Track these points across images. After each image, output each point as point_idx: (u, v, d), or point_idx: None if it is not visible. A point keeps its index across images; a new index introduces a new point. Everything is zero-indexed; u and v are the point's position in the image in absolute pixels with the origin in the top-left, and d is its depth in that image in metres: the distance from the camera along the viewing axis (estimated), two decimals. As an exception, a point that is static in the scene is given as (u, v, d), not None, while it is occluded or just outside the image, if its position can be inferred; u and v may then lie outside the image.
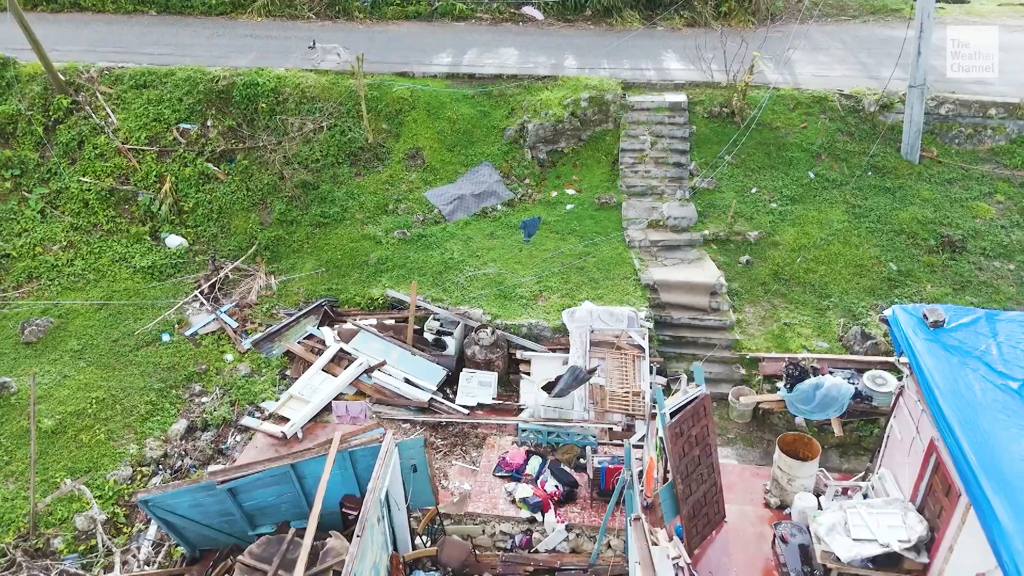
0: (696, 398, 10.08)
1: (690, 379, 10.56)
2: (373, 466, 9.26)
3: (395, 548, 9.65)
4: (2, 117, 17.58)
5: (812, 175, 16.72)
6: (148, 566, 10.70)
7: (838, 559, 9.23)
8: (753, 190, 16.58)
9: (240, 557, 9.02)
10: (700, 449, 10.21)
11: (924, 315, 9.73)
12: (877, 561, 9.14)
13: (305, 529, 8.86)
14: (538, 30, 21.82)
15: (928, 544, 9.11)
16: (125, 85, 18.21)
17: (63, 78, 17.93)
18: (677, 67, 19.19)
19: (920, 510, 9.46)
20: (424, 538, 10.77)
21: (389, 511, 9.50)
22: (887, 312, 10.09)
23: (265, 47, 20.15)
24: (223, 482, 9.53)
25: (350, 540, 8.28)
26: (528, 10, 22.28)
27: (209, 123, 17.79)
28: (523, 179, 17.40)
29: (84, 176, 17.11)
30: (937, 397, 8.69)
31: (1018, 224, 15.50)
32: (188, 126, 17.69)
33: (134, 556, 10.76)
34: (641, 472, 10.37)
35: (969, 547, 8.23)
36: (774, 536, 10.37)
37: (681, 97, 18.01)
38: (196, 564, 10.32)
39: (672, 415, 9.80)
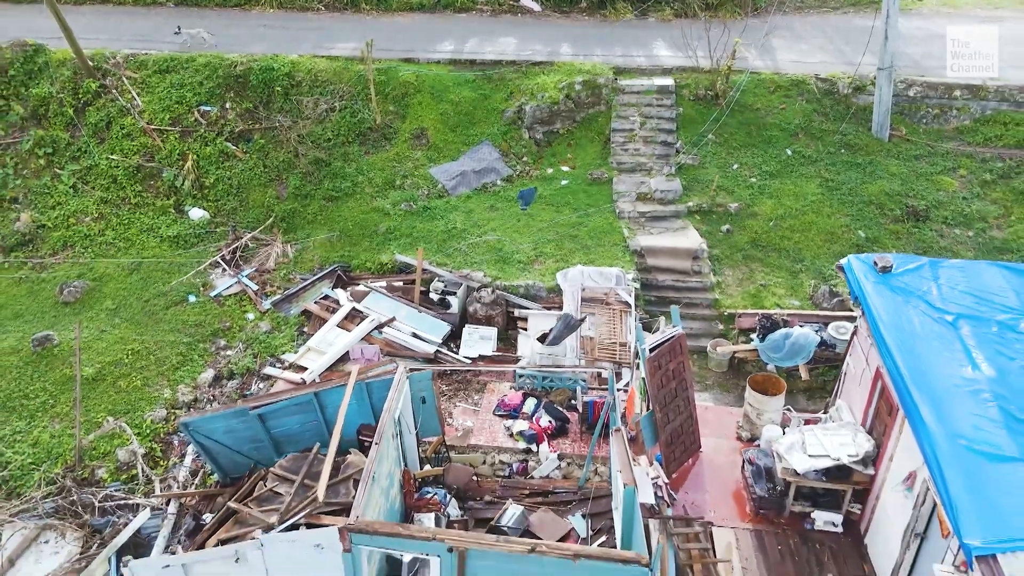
0: (673, 337, 11.35)
1: (668, 321, 11.81)
2: (387, 396, 10.52)
3: (406, 466, 10.91)
4: (35, 100, 18.85)
5: (789, 152, 17.99)
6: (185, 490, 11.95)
7: (796, 473, 10.50)
8: (734, 166, 17.84)
9: (272, 468, 10.29)
10: (677, 383, 11.49)
11: (875, 262, 11.02)
12: (829, 473, 10.42)
13: (328, 450, 10.13)
14: (535, 21, 23.07)
15: (874, 459, 10.38)
16: (149, 70, 19.48)
17: (91, 64, 19.19)
18: (666, 54, 20.46)
19: (869, 432, 10.74)
20: (430, 466, 12.02)
21: (401, 433, 10.76)
22: (843, 261, 11.38)
23: (278, 36, 21.38)
24: (254, 408, 10.79)
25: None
26: (526, 2, 23.53)
27: (228, 105, 19.04)
28: (521, 157, 18.67)
29: (112, 154, 18.38)
30: (881, 329, 9.97)
31: (978, 195, 16.76)
32: (208, 108, 18.96)
33: (174, 479, 12.01)
34: (623, 401, 11.63)
35: (903, 454, 9.52)
36: (743, 461, 11.66)
37: (669, 81, 19.28)
38: (228, 488, 11.56)
39: (652, 351, 11.08)
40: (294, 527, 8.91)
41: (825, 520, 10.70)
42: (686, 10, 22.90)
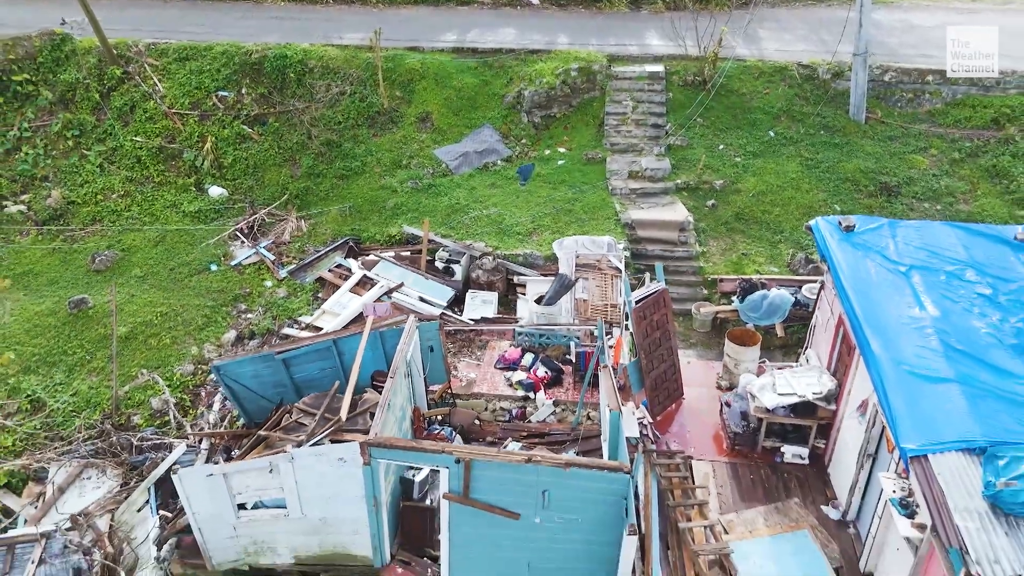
0: (657, 291, 12.53)
1: (652, 278, 12.98)
2: (399, 342, 11.68)
3: (416, 405, 12.07)
4: (63, 85, 20.04)
5: (772, 134, 19.17)
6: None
7: (767, 410, 11.69)
8: (720, 146, 19.02)
9: (296, 404, 11.46)
10: (660, 333, 12.67)
11: (839, 222, 12.20)
12: (796, 409, 11.62)
13: (347, 388, 11.31)
14: (533, 13, 24.24)
15: (835, 396, 11.56)
16: (169, 58, 20.66)
17: (115, 52, 20.36)
18: (657, 43, 21.63)
19: (833, 374, 11.92)
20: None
21: (411, 375, 11.93)
22: (811, 221, 12.56)
23: (290, 27, 22.54)
24: (279, 352, 11.95)
25: (384, 383, 10.70)
26: (525, -5, 24.73)
27: (244, 91, 20.23)
28: (520, 139, 19.85)
29: (136, 136, 19.56)
30: (842, 279, 11.16)
31: (947, 173, 17.94)
32: (225, 93, 20.14)
33: (205, 421, 13.19)
34: (611, 346, 12.80)
35: (859, 386, 10.71)
36: (721, 404, 12.84)
37: (659, 68, 20.45)
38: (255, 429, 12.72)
39: (637, 303, 12.26)
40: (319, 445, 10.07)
41: (793, 453, 11.88)
42: (677, 2, 24.05)
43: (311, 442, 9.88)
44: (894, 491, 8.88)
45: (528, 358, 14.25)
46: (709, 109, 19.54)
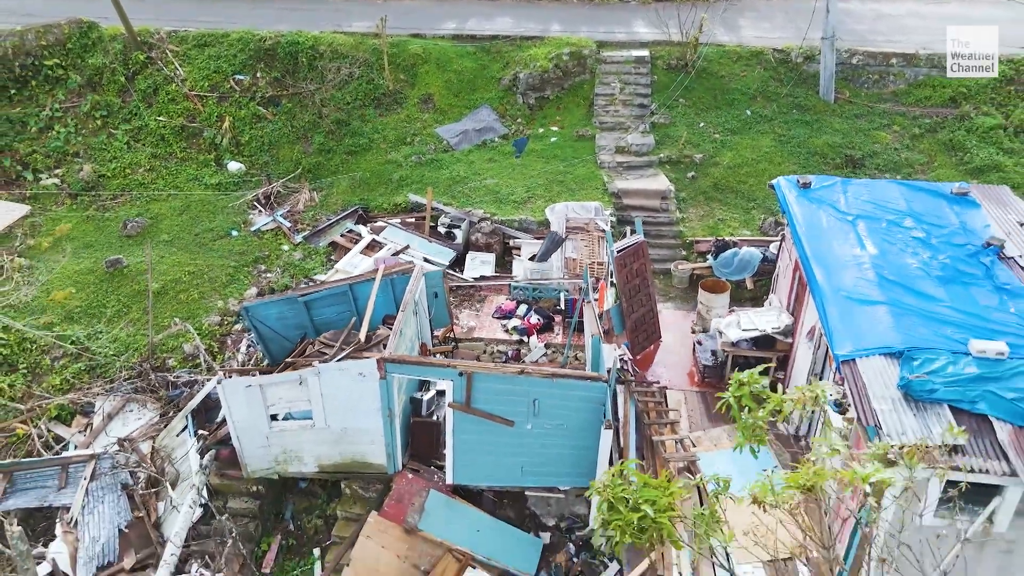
0: (636, 242, 14.10)
1: (632, 231, 14.55)
2: (408, 285, 13.23)
3: (423, 341, 13.63)
4: (91, 69, 21.57)
5: (748, 112, 20.75)
6: (241, 373, 14.64)
7: (732, 343, 13.25)
8: (701, 124, 20.60)
9: (317, 339, 13.01)
10: (639, 280, 14.24)
11: (798, 181, 13.79)
12: (758, 342, 13.18)
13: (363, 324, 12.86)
14: (529, 3, 25.79)
15: (792, 331, 13.14)
16: (189, 44, 22.20)
17: (138, 38, 21.88)
18: (643, 30, 23.21)
19: (791, 313, 13.50)
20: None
21: (419, 316, 13.48)
22: (773, 181, 14.14)
23: (300, 17, 24.04)
24: (302, 295, 13.51)
25: (395, 317, 12.26)
26: (521, -14, 26.27)
27: (259, 74, 21.76)
28: (516, 118, 21.41)
29: (160, 116, 21.10)
30: (797, 227, 12.75)
31: (907, 147, 19.53)
32: (242, 76, 21.68)
33: (235, 360, 14.73)
34: (595, 290, 14.37)
35: (809, 317, 12.28)
36: (694, 344, 14.41)
37: (645, 53, 22.02)
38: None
39: (619, 252, 13.82)
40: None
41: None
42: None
43: (335, 358, 11.43)
44: (831, 395, 10.43)
45: (522, 308, 15.83)
46: (691, 90, 21.11)
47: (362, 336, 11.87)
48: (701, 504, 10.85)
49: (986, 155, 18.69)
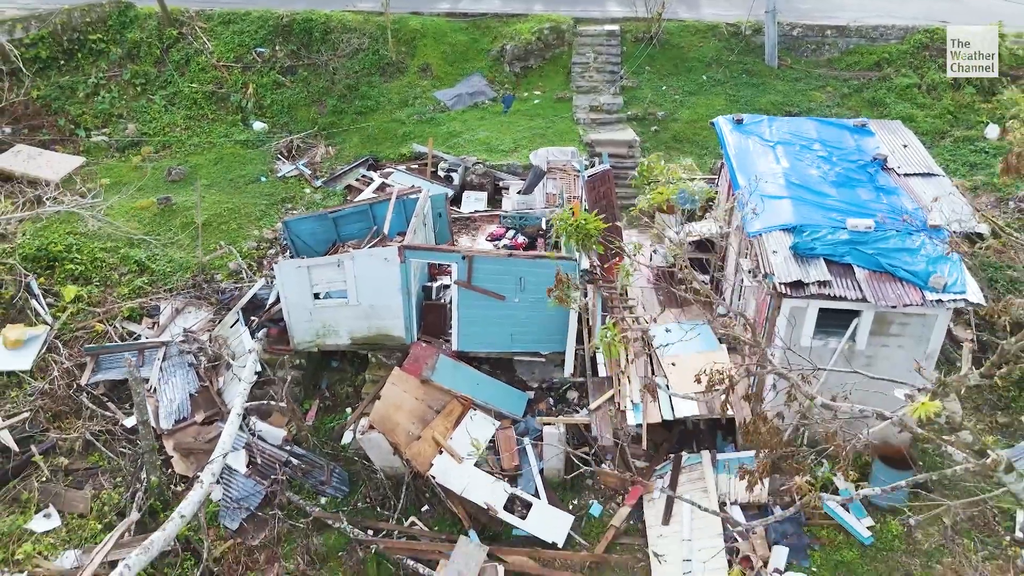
0: (603, 170, 17.30)
1: (600, 161, 17.75)
2: (417, 203, 16.38)
3: (430, 249, 16.78)
4: (130, 43, 24.55)
5: (704, 77, 24.03)
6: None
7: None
8: (663, 87, 23.86)
9: (345, 244, 16.12)
10: (606, 201, 17.45)
11: (733, 118, 17.05)
12: (701, 245, 16.44)
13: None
14: (514, -13, 28.97)
15: (726, 235, 16.40)
16: (215, 21, 25.23)
17: (171, 16, 24.87)
18: (615, 8, 26.43)
19: (729, 224, 16.76)
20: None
21: (426, 228, 16.61)
22: (713, 119, 17.39)
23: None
24: (331, 212, 16.63)
25: (410, 223, 15.41)
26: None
27: (277, 47, 24.81)
28: (503, 84, 24.58)
29: (192, 84, 24.11)
30: (729, 152, 15.99)
31: (838, 104, 22.87)
32: (262, 49, 24.72)
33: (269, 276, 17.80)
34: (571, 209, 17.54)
35: (735, 221, 15.53)
36: (650, 254, 17.65)
37: (616, 27, 25.25)
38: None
39: (589, 177, 17.02)
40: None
41: (700, 280, 16.66)
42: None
43: (365, 247, 14.57)
44: (747, 268, 13.72)
45: (510, 233, 19.01)
46: (655, 59, 24.37)
47: (386, 228, 15.02)
48: (652, 365, 14.12)
49: (902, 109, 22.05)
